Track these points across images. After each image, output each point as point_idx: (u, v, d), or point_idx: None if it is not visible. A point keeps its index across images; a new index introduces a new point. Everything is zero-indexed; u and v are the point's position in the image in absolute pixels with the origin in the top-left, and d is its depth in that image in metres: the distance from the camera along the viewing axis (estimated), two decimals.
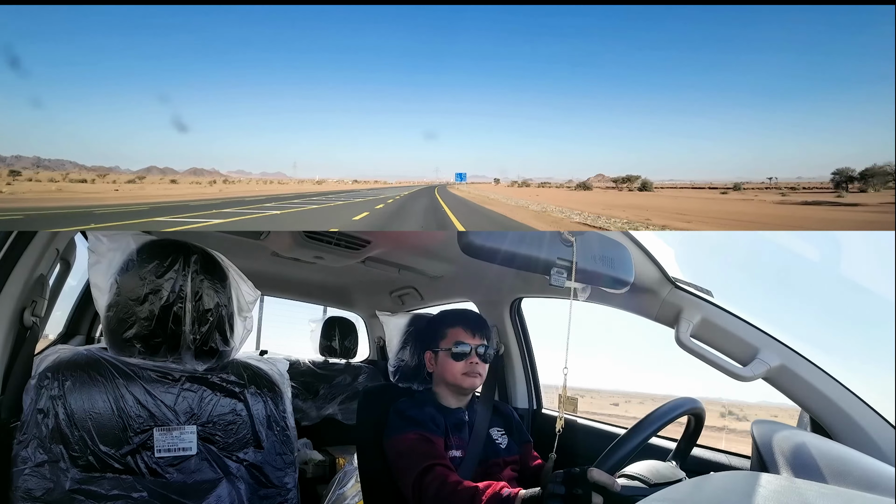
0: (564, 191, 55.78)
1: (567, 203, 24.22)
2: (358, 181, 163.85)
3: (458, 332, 1.99)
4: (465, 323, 2.02)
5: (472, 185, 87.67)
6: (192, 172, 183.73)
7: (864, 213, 16.66)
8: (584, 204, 23.91)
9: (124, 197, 22.60)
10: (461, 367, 1.96)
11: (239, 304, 1.63)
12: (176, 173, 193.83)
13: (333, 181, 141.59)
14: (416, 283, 3.17)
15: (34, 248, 1.57)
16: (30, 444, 1.37)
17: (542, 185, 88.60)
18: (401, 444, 1.83)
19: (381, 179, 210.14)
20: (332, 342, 3.83)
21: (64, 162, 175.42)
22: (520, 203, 23.48)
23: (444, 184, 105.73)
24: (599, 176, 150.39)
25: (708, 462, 1.93)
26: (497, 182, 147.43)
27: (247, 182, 71.68)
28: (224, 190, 38.88)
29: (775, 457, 1.35)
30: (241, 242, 2.75)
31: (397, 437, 1.85)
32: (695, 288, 1.92)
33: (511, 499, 1.57)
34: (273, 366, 1.77)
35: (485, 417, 2.02)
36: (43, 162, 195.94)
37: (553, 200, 27.36)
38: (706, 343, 1.85)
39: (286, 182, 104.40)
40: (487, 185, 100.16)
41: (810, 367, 1.73)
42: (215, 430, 1.58)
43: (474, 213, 16.18)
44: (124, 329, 1.48)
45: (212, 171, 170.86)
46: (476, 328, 2.01)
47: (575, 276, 1.58)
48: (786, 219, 15.07)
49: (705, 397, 1.66)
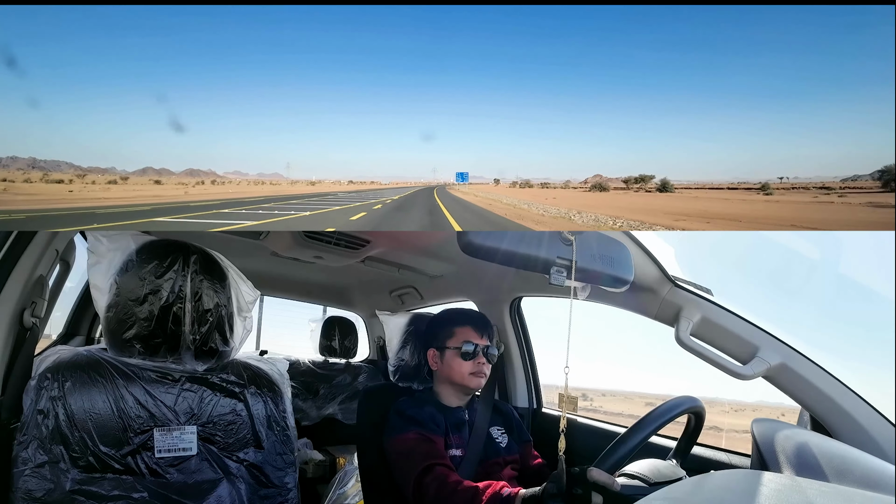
0: (579, 192, 51.55)
1: (594, 208, 20.67)
2: (354, 181, 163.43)
3: (467, 332, 1.99)
4: (474, 323, 2.03)
5: (472, 185, 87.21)
6: (188, 173, 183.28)
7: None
8: (617, 209, 19.93)
9: (89, 200, 21.13)
10: (469, 367, 1.96)
11: (239, 304, 1.63)
12: (172, 174, 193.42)
13: (329, 182, 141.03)
14: (415, 282, 3.17)
15: (34, 248, 1.57)
16: (30, 445, 1.37)
17: (544, 185, 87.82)
18: (401, 443, 1.84)
19: (376, 180, 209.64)
20: (332, 342, 3.83)
21: (59, 163, 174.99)
22: (538, 208, 20.14)
23: (441, 185, 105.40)
24: (597, 176, 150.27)
25: (708, 461, 1.93)
26: (497, 183, 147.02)
27: (237, 183, 68.97)
28: (209, 191, 37.05)
29: (776, 455, 1.35)
30: (241, 242, 2.75)
31: (398, 437, 1.85)
32: (694, 287, 1.92)
33: (511, 498, 1.57)
34: (273, 366, 1.77)
35: (485, 416, 2.02)
36: (38, 163, 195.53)
37: (572, 204, 24.39)
38: (706, 342, 1.86)
39: (278, 183, 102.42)
40: (487, 186, 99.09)
41: (810, 365, 1.73)
42: (215, 430, 1.57)
43: (487, 223, 13.64)
44: (124, 329, 1.48)
45: (208, 171, 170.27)
46: (483, 328, 2.02)
47: (575, 275, 1.58)
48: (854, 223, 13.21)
49: (708, 396, 1.66)
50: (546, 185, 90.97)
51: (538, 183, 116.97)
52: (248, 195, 30.83)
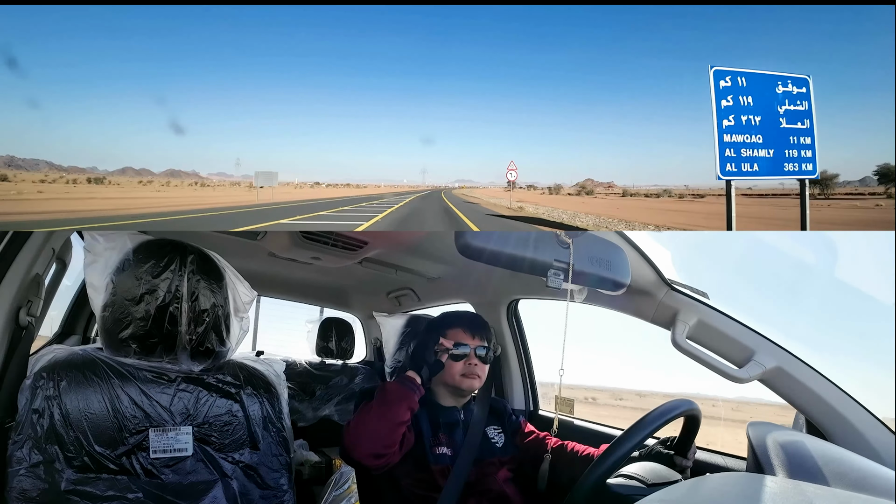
0: (614, 199, 45.69)
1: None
2: (350, 185, 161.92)
3: (458, 333, 1.99)
4: (465, 324, 2.02)
5: (475, 189, 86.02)
6: (169, 174, 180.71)
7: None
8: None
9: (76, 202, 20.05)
10: (459, 368, 1.96)
11: (235, 305, 1.63)
12: (153, 174, 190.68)
13: (324, 186, 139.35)
14: (413, 284, 3.17)
15: (30, 247, 1.56)
16: (25, 445, 1.36)
17: (530, 186, 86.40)
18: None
19: (352, 183, 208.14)
20: (329, 343, 3.82)
21: (38, 161, 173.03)
22: (585, 219, 18.18)
23: (440, 189, 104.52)
24: (588, 180, 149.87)
25: (704, 463, 1.93)
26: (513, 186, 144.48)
27: (213, 188, 64.22)
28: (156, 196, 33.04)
29: (771, 458, 1.35)
30: (238, 243, 2.74)
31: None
32: (691, 290, 1.93)
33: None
34: (269, 366, 1.76)
35: (481, 417, 2.02)
36: (15, 161, 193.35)
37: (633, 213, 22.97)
38: (702, 345, 1.86)
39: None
40: (492, 191, 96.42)
41: (806, 368, 1.73)
42: (211, 430, 1.57)
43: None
44: (120, 329, 1.47)
45: (191, 172, 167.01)
46: (476, 329, 2.01)
47: (571, 278, 1.58)
48: None
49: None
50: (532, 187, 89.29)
51: (541, 188, 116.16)
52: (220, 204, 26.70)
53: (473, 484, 1.86)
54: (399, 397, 1.75)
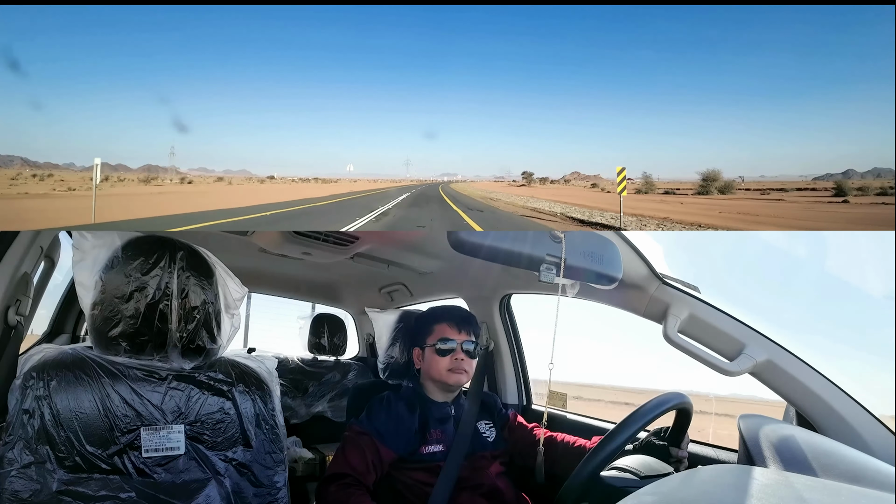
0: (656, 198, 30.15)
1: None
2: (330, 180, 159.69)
3: (444, 329, 1.99)
4: (451, 319, 2.02)
5: (474, 184, 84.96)
6: (145, 169, 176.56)
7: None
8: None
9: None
10: (446, 364, 1.96)
11: (226, 302, 1.61)
12: (129, 170, 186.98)
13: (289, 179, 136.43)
14: (405, 279, 3.17)
15: (18, 246, 1.55)
16: (16, 446, 1.35)
17: (542, 181, 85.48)
18: (348, 431, 1.92)
19: (372, 178, 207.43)
20: (321, 339, 3.81)
21: (13, 157, 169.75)
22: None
23: (426, 182, 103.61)
24: (575, 173, 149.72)
25: (696, 456, 1.95)
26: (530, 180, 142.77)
27: (180, 183, 59.44)
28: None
29: (762, 450, 1.36)
30: (228, 239, 2.73)
31: (351, 424, 1.93)
32: (682, 284, 1.94)
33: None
34: (261, 363, 1.75)
35: (472, 411, 2.02)
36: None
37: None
38: (693, 338, 1.87)
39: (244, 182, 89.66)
40: (495, 185, 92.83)
41: (796, 361, 1.75)
42: (203, 429, 1.56)
43: None
44: (110, 327, 1.46)
45: (170, 168, 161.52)
46: (462, 324, 2.01)
47: (564, 272, 1.58)
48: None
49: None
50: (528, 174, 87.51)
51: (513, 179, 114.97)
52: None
53: (466, 478, 1.87)
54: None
